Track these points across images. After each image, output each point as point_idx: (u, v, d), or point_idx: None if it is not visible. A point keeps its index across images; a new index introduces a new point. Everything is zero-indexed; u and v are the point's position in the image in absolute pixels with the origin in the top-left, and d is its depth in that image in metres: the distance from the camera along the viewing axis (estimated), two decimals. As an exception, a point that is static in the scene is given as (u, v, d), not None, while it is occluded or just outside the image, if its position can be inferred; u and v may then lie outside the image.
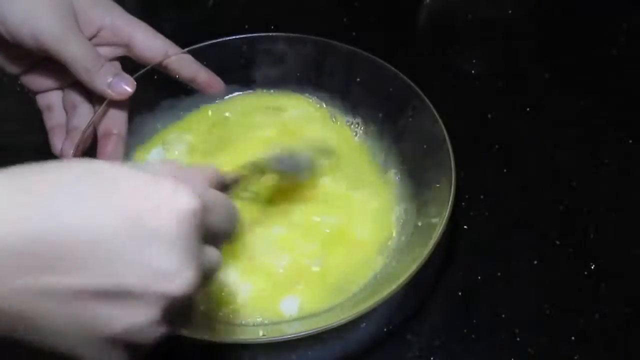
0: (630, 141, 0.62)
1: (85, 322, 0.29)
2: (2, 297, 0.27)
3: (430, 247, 0.46)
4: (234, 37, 0.59)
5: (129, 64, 0.56)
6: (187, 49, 0.58)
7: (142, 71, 0.56)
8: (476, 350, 0.49)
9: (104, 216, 0.28)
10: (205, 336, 0.44)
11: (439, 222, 0.47)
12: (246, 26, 0.64)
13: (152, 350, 0.31)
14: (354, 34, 0.69)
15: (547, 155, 0.61)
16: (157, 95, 0.59)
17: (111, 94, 0.52)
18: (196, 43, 0.61)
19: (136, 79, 0.54)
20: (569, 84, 0.67)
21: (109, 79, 0.52)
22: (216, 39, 0.61)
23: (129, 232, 0.28)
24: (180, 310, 0.31)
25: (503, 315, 0.51)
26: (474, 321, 0.51)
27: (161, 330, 0.30)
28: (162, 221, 0.29)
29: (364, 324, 0.50)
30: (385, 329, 0.50)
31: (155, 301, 0.29)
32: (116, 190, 0.29)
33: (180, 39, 0.61)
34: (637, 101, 0.65)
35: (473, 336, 0.50)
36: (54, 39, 0.49)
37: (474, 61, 0.68)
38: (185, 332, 0.42)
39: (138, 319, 0.29)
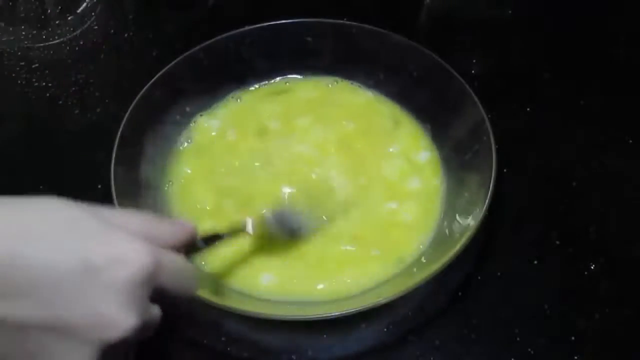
0: (631, 141, 0.62)
1: (25, 351, 0.31)
2: None
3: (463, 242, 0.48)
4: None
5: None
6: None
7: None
8: (476, 350, 0.49)
9: (60, 254, 0.31)
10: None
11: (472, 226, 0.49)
12: (246, 27, 0.64)
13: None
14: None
15: (548, 155, 0.61)
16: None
17: None
18: (197, 43, 0.61)
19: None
20: (569, 84, 0.67)
21: None
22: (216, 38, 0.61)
23: (81, 274, 0.31)
24: (116, 355, 0.33)
25: (503, 315, 0.51)
26: (474, 321, 0.50)
27: None
28: (114, 272, 0.31)
29: (364, 324, 0.50)
30: (385, 329, 0.50)
31: (93, 342, 0.31)
32: (77, 233, 0.32)
33: (181, 39, 0.61)
34: (637, 101, 0.65)
35: (473, 336, 0.50)
36: None
37: (474, 61, 0.68)
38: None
39: (74, 356, 0.31)
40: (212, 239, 0.46)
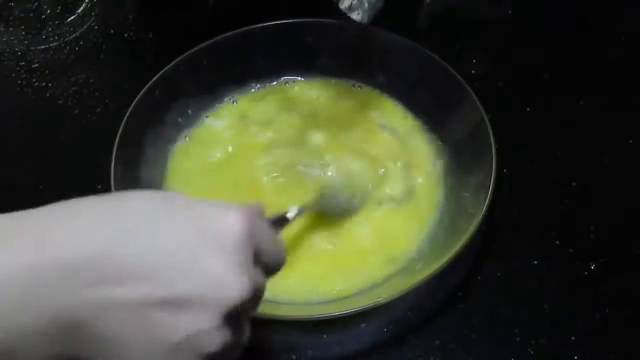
0: (631, 141, 0.62)
1: (151, 330, 0.31)
2: (74, 309, 0.30)
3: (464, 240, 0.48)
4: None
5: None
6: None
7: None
8: (476, 350, 0.49)
9: (172, 234, 0.32)
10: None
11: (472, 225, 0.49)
12: (246, 27, 0.64)
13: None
14: (354, 34, 0.69)
15: (547, 155, 0.61)
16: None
17: None
18: (197, 43, 0.61)
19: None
20: (568, 84, 0.67)
21: None
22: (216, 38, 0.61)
23: (193, 246, 0.31)
24: (239, 318, 0.33)
25: (503, 315, 0.51)
26: (474, 321, 0.50)
27: (224, 337, 0.32)
28: (221, 236, 0.32)
29: (364, 324, 0.50)
30: (385, 329, 0.50)
31: (214, 308, 0.31)
32: (177, 210, 0.33)
33: (181, 39, 0.61)
34: (637, 101, 0.65)
35: (473, 336, 0.50)
36: None
37: (474, 61, 0.68)
38: None
39: (199, 325, 0.31)
40: (279, 221, 0.46)
